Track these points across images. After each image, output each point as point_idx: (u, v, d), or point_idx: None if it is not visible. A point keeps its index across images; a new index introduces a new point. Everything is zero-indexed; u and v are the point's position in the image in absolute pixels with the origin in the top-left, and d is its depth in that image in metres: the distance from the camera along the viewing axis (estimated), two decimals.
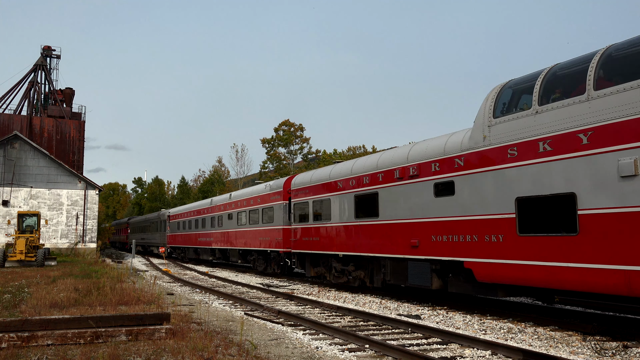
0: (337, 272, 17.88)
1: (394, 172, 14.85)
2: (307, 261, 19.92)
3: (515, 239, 10.78)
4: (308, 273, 19.98)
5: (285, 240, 22.39)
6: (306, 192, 19.86)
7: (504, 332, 10.47)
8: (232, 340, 8.83)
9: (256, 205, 25.98)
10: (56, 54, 51.27)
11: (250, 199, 26.96)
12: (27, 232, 29.77)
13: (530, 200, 10.58)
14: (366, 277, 16.56)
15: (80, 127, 47.73)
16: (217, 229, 32.17)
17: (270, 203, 24.25)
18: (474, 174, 12.03)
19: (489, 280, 11.53)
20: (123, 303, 12.61)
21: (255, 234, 25.85)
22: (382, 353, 8.52)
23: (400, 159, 14.72)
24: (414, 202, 13.91)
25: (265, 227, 24.51)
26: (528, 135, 10.70)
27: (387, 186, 15.10)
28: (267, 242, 24.31)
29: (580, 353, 8.59)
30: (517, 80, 11.81)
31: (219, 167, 76.47)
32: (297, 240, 20.37)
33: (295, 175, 21.96)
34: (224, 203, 31.07)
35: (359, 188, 16.40)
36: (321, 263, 19.18)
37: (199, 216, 36.04)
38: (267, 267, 25.02)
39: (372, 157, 16.38)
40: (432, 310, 13.36)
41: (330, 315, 12.77)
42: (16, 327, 8.55)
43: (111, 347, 7.93)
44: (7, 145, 39.91)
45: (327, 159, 61.22)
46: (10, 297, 13.76)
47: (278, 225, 23.17)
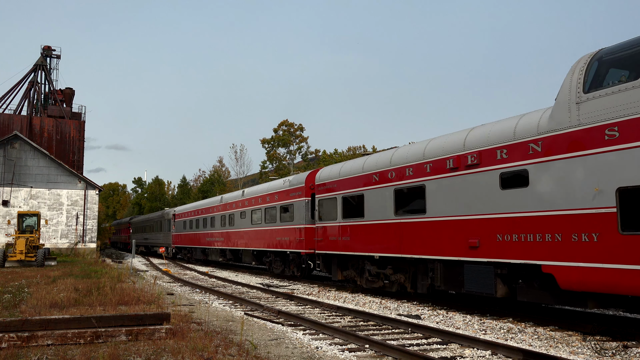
0: (370, 276, 16.15)
1: (445, 161, 12.92)
2: (334, 263, 18.08)
3: (616, 238, 9.04)
4: (335, 277, 18.13)
5: (307, 241, 20.30)
6: (334, 187, 17.91)
7: (504, 332, 10.47)
8: (232, 340, 8.83)
9: (273, 203, 23.79)
10: (56, 54, 51.30)
11: (266, 195, 24.77)
12: (27, 232, 29.77)
13: (637, 191, 8.81)
14: (407, 281, 14.76)
15: (80, 127, 47.74)
16: (228, 228, 30.04)
17: (289, 200, 22.10)
18: (557, 161, 10.18)
19: (578, 288, 9.74)
20: (123, 303, 12.61)
21: (271, 233, 23.66)
22: (382, 353, 8.52)
23: (454, 146, 12.79)
24: (473, 196, 12.00)
25: (284, 226, 22.41)
26: (634, 112, 8.88)
27: (437, 178, 13.18)
28: (285, 243, 22.20)
29: (580, 353, 8.59)
30: (613, 48, 10.10)
31: (219, 167, 76.54)
32: (322, 240, 18.51)
33: (320, 169, 19.82)
34: (236, 200, 28.89)
35: (401, 181, 14.51)
36: (350, 266, 17.44)
37: (208, 215, 33.87)
38: (285, 269, 23.00)
39: (417, 146, 14.52)
40: (432, 310, 13.37)
41: (330, 315, 12.77)
42: (16, 327, 8.55)
43: (111, 347, 7.93)
44: (7, 145, 39.91)
45: (327, 159, 61.24)
46: (10, 297, 13.76)
47: (299, 224, 21.08)
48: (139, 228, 58.49)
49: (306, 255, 20.54)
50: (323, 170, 19.43)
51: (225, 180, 73.77)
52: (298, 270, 21.88)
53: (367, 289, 17.25)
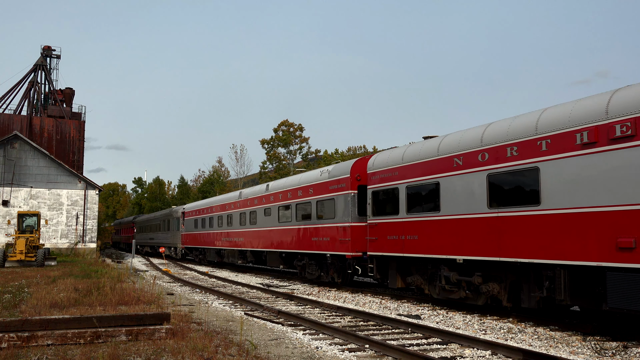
0: (449, 284, 13.14)
1: (574, 135, 10.03)
2: (393, 268, 15.39)
3: None
4: (393, 283, 15.42)
5: (355, 241, 17.14)
6: (393, 176, 15.11)
7: (504, 332, 10.48)
8: (232, 340, 8.83)
9: (307, 198, 20.40)
10: (56, 54, 51.29)
11: (297, 189, 21.39)
12: (27, 232, 29.75)
13: None
14: (503, 292, 11.80)
15: (80, 127, 47.74)
16: (249, 227, 26.46)
17: (329, 194, 18.73)
18: None
19: None
20: (123, 303, 12.61)
21: (305, 233, 20.30)
22: (382, 353, 8.52)
23: (589, 115, 9.87)
24: (626, 180, 9.07)
25: (322, 225, 19.06)
26: None
27: (560, 157, 10.25)
28: (324, 244, 18.84)
29: (580, 353, 8.59)
30: None
31: (218, 167, 76.55)
32: (377, 240, 15.71)
33: (372, 156, 16.86)
34: (259, 196, 25.42)
35: (498, 164, 11.59)
36: (415, 270, 14.66)
37: (224, 212, 30.49)
38: (322, 274, 19.73)
39: (524, 118, 11.35)
40: (432, 310, 13.37)
41: (330, 315, 12.77)
42: (16, 327, 8.55)
43: (111, 347, 7.93)
44: (7, 145, 39.91)
45: (328, 158, 61.26)
46: (10, 297, 13.76)
47: (343, 221, 17.73)
48: (144, 227, 55.69)
49: (353, 259, 17.21)
50: (378, 156, 16.43)
51: (225, 181, 73.77)
52: (339, 276, 18.56)
53: (441, 300, 14.15)
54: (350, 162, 18.12)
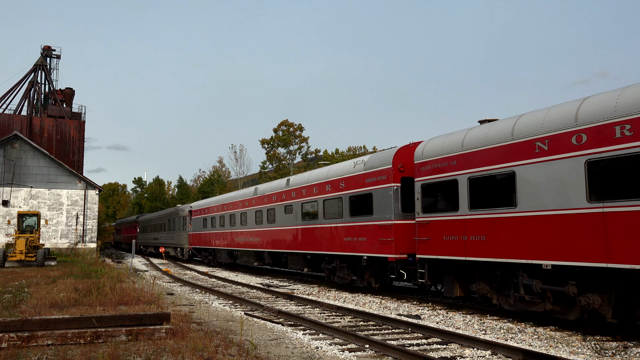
0: (529, 294, 10.94)
1: None
2: (449, 273, 13.26)
3: None
4: (450, 291, 13.31)
5: (399, 241, 14.96)
6: (450, 165, 13.04)
7: (504, 332, 10.48)
8: (232, 340, 8.83)
9: (337, 193, 18.05)
10: (56, 54, 51.30)
11: (324, 183, 18.99)
12: (27, 232, 29.77)
13: None
14: (606, 306, 9.80)
15: (80, 127, 47.76)
16: (266, 226, 24.06)
17: (366, 188, 16.44)
18: None
19: None
20: (123, 303, 12.61)
21: (336, 232, 18.04)
22: (382, 353, 8.52)
23: None
24: None
25: (357, 223, 16.85)
26: None
27: None
28: (359, 244, 16.61)
29: (580, 353, 8.59)
30: None
31: (219, 167, 76.58)
32: (429, 240, 13.61)
33: (422, 143, 14.66)
34: (278, 192, 23.05)
35: (602, 148, 9.50)
36: (478, 277, 12.47)
37: (237, 210, 28.13)
38: (355, 279, 17.33)
39: None
40: (432, 310, 13.37)
41: (330, 315, 12.77)
42: (16, 327, 8.55)
43: (111, 347, 7.94)
44: (7, 145, 39.92)
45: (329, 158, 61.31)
46: (10, 297, 13.77)
47: (383, 218, 15.50)
48: (148, 227, 53.62)
49: (397, 262, 15.07)
50: (428, 143, 14.15)
51: (225, 181, 73.79)
52: (377, 281, 16.44)
53: (515, 312, 12.00)
54: (392, 150, 15.76)
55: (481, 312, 12.86)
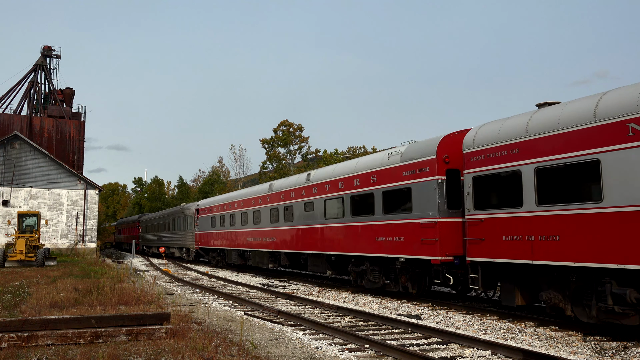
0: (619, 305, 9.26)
1: None
2: (509, 279, 11.60)
3: None
4: (510, 300, 11.54)
5: (444, 241, 13.29)
6: (512, 153, 11.38)
7: (504, 332, 10.48)
8: (232, 340, 8.83)
9: (367, 188, 16.35)
10: (56, 54, 51.31)
11: (352, 178, 17.23)
12: (27, 232, 29.77)
13: None
14: None
15: (80, 127, 47.76)
16: (283, 224, 22.31)
17: (403, 182, 14.75)
18: None
19: None
20: (123, 303, 12.61)
21: (366, 231, 16.31)
22: (382, 353, 8.53)
23: None
24: None
25: (392, 221, 15.14)
26: None
27: None
28: (395, 245, 14.93)
29: (580, 353, 8.59)
30: None
31: (219, 167, 76.61)
32: (483, 241, 11.93)
33: (468, 131, 13.16)
34: (297, 188, 21.25)
35: None
36: (546, 284, 10.84)
37: (249, 208, 26.33)
38: (388, 283, 15.80)
39: None
40: (432, 310, 13.37)
41: (330, 315, 12.77)
42: (16, 327, 8.56)
43: (111, 347, 7.94)
44: (7, 145, 39.92)
45: (328, 158, 61.33)
46: (10, 297, 13.77)
47: (426, 216, 13.80)
48: (151, 227, 51.98)
49: (442, 265, 13.38)
50: (482, 129, 12.52)
51: (225, 181, 73.81)
52: (414, 286, 14.77)
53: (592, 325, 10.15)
54: (435, 139, 14.09)
55: (481, 312, 12.86)
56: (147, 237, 52.86)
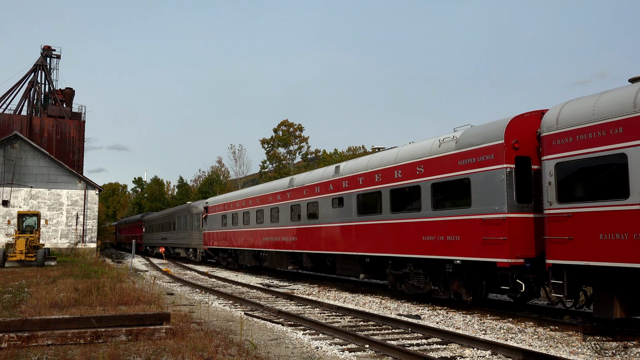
0: None
1: None
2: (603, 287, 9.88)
3: None
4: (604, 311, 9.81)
5: (515, 241, 11.36)
6: (612, 134, 9.62)
7: (504, 332, 10.48)
8: (232, 340, 8.84)
9: (412, 180, 14.32)
10: (56, 54, 51.33)
11: (392, 169, 15.23)
12: (27, 232, 29.78)
13: None
14: None
15: (80, 127, 47.79)
16: (306, 223, 20.25)
17: (460, 172, 12.78)
18: None
19: None
20: (123, 303, 12.62)
21: (410, 230, 14.32)
22: (382, 353, 8.53)
23: None
24: None
25: (445, 217, 13.17)
26: None
27: None
28: (448, 245, 12.99)
29: (580, 353, 8.60)
30: None
31: (218, 167, 76.66)
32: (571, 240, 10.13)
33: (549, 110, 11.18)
34: (324, 182, 19.26)
35: None
36: None
37: (266, 205, 24.27)
38: (436, 289, 13.85)
39: None
40: (432, 310, 13.37)
41: (330, 315, 12.78)
42: (16, 327, 8.56)
43: (111, 347, 7.94)
44: (7, 145, 39.94)
45: (327, 158, 61.33)
46: (10, 297, 13.77)
47: (491, 211, 11.84)
48: (155, 227, 50.16)
49: (512, 268, 11.40)
50: (569, 106, 10.70)
51: (225, 181, 73.85)
52: (469, 292, 12.83)
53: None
54: (502, 122, 12.09)
55: (481, 312, 12.87)
56: (151, 237, 51.65)
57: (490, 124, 12.56)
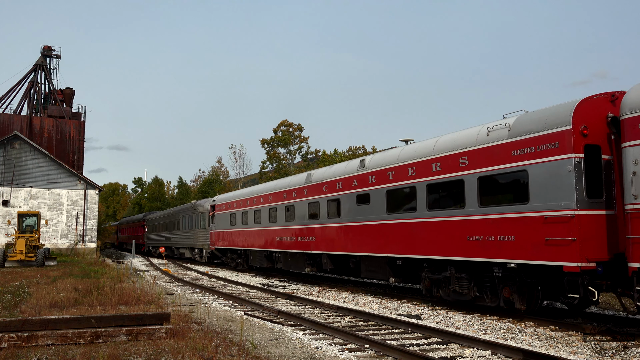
0: None
1: None
2: None
3: None
4: None
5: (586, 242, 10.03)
6: None
7: (504, 332, 10.48)
8: (232, 340, 8.84)
9: (455, 173, 12.83)
10: (56, 54, 51.32)
11: (430, 162, 13.73)
12: (27, 232, 29.77)
13: None
14: None
15: (80, 127, 47.78)
16: (326, 221, 18.78)
17: (515, 163, 11.31)
18: None
19: None
20: (123, 303, 12.62)
21: (450, 229, 12.88)
22: (382, 353, 8.53)
23: None
24: None
25: (497, 215, 11.68)
26: None
27: None
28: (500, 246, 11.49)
29: (580, 353, 8.59)
30: None
31: (218, 167, 76.66)
32: None
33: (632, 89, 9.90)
34: (346, 177, 17.74)
35: None
36: None
37: (280, 203, 22.81)
38: (484, 295, 12.37)
39: None
40: (432, 310, 13.37)
41: (330, 315, 12.77)
42: (16, 327, 8.56)
43: (111, 347, 7.94)
44: (7, 145, 39.93)
45: (327, 159, 61.31)
46: (10, 297, 13.77)
47: (555, 207, 10.44)
48: (158, 226, 48.80)
49: (582, 274, 10.00)
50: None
51: (225, 181, 73.84)
52: (522, 300, 11.45)
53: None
54: (568, 105, 10.72)
55: (481, 312, 12.86)
56: (154, 236, 50.47)
57: (553, 108, 11.13)
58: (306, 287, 20.07)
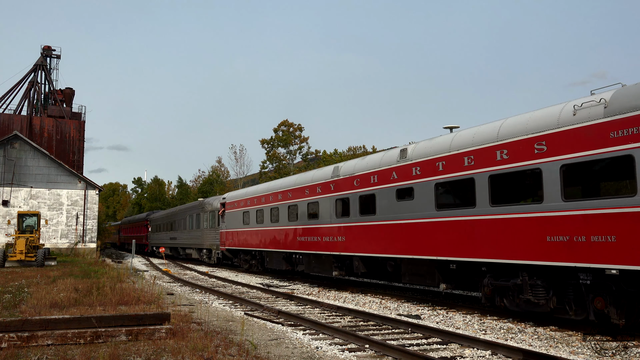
0: None
1: None
2: None
3: None
4: None
5: None
6: None
7: (504, 332, 10.48)
8: (232, 340, 8.84)
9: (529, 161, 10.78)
10: (56, 54, 51.31)
11: (492, 149, 11.71)
12: (27, 232, 29.77)
13: None
14: None
15: (80, 127, 47.78)
16: (358, 219, 16.79)
17: (613, 147, 9.24)
18: None
19: None
20: (123, 303, 12.62)
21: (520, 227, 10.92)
22: (382, 353, 8.53)
23: None
24: None
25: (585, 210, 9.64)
26: None
27: None
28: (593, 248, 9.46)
29: (580, 353, 8.59)
30: None
31: (218, 167, 76.65)
32: None
33: None
34: (382, 169, 15.67)
35: None
36: None
37: (301, 199, 20.62)
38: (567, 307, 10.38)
39: None
40: (432, 310, 13.37)
41: (330, 315, 12.77)
42: (16, 327, 8.56)
43: (111, 347, 7.94)
44: (7, 145, 39.93)
45: (327, 159, 61.33)
46: (10, 297, 13.77)
47: None
48: (162, 225, 46.96)
49: None
50: None
51: (225, 181, 73.84)
52: (620, 313, 9.45)
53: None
54: None
55: (481, 312, 12.86)
56: (158, 236, 48.62)
57: None
58: (306, 287, 20.07)
